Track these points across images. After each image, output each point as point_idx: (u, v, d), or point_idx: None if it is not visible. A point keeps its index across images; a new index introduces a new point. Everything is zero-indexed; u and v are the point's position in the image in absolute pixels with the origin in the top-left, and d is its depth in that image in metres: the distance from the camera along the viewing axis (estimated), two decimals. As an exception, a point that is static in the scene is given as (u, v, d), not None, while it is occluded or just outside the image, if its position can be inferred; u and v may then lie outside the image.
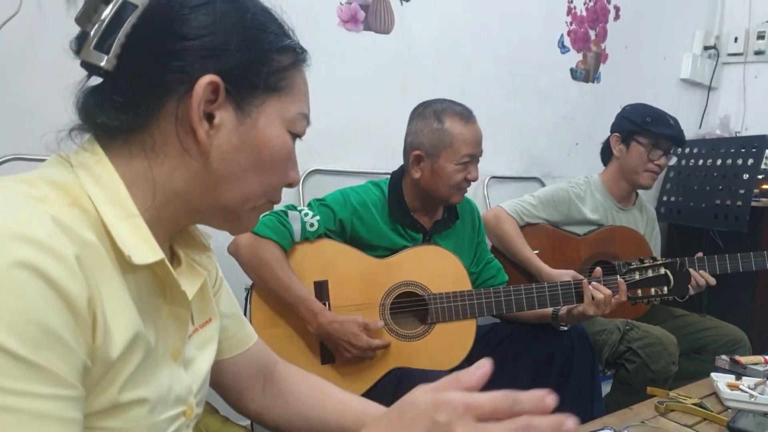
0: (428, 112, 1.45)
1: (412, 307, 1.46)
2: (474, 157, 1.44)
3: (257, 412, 0.86)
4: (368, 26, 1.97)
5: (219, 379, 0.82)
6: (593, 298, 1.42)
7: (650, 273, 1.46)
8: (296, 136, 0.64)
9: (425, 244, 1.50)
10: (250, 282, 1.39)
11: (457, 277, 1.48)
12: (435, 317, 1.45)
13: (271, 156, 0.61)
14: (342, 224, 1.44)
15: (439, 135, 1.41)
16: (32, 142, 1.39)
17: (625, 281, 1.46)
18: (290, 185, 0.66)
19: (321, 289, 1.39)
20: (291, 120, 0.62)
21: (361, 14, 1.95)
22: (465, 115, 1.44)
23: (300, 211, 1.39)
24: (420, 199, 1.51)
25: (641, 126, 1.90)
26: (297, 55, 0.62)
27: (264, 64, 0.59)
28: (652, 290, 1.46)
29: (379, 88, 2.03)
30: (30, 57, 1.40)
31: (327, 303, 1.38)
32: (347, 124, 1.96)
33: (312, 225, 1.39)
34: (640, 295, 1.47)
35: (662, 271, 1.45)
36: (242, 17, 0.58)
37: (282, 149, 0.62)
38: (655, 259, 1.49)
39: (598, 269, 1.50)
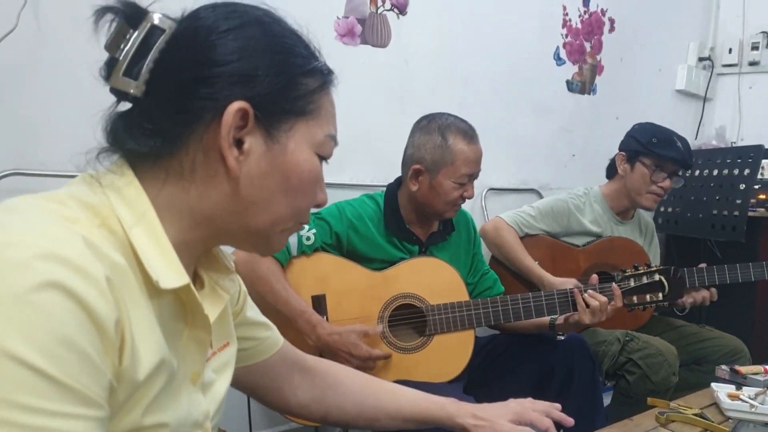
0: (432, 126, 1.44)
1: (410, 320, 1.46)
2: (472, 176, 1.45)
3: (302, 404, 0.89)
4: (365, 40, 1.99)
5: (257, 382, 0.85)
6: (588, 305, 1.44)
7: (645, 280, 1.48)
8: (324, 158, 0.64)
9: (422, 256, 1.50)
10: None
11: (454, 288, 1.48)
12: (433, 329, 1.44)
13: (299, 180, 0.61)
14: (338, 237, 1.44)
15: (442, 152, 1.42)
16: (31, 157, 1.40)
17: (621, 288, 1.47)
18: (318, 206, 0.67)
19: (319, 303, 1.38)
20: (319, 143, 0.62)
21: (358, 28, 1.96)
22: (469, 133, 1.44)
23: None
24: (415, 212, 1.51)
25: (646, 147, 1.87)
26: (324, 77, 0.62)
27: (292, 88, 0.59)
28: (648, 297, 1.48)
29: (377, 101, 2.04)
30: (28, 73, 1.40)
31: (325, 317, 1.38)
32: (345, 138, 1.91)
33: (308, 239, 1.39)
34: (635, 301, 1.48)
35: (656, 277, 1.47)
36: (270, 41, 0.58)
37: (310, 173, 0.62)
38: (648, 266, 1.50)
39: (594, 276, 1.52)
